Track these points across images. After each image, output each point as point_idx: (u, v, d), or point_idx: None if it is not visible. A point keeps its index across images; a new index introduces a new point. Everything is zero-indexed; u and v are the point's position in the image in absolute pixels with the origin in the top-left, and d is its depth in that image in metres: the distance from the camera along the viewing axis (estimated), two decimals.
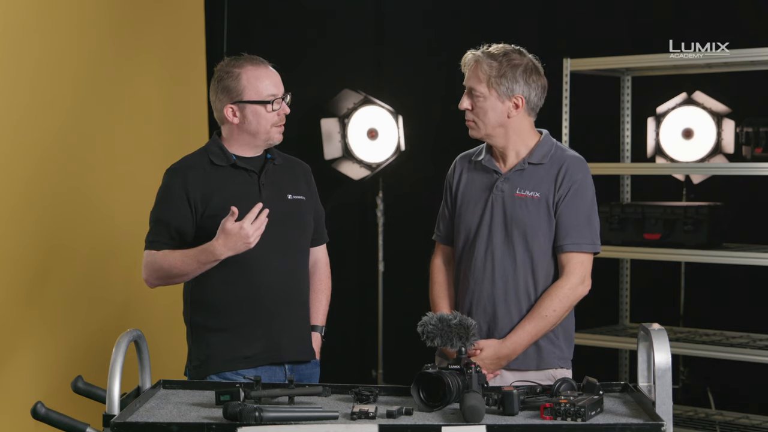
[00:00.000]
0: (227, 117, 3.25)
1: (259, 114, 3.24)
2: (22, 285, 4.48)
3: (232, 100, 3.24)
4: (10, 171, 4.40)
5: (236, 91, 3.23)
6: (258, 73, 3.25)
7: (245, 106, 3.23)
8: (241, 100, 3.23)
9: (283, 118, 3.27)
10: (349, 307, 5.90)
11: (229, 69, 3.26)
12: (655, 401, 2.54)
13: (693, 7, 5.61)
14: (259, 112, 3.24)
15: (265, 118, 3.24)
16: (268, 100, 3.23)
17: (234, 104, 3.24)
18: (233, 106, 3.24)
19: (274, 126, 3.25)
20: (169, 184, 3.25)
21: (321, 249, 3.48)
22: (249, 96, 3.23)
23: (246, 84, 3.23)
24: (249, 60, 3.27)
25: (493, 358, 3.19)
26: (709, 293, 5.62)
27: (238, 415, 2.49)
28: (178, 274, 3.17)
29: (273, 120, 3.25)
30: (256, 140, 3.27)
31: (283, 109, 3.26)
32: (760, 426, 5.10)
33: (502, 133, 3.26)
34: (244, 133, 3.26)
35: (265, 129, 3.25)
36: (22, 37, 4.46)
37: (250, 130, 3.25)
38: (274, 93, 3.25)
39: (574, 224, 3.21)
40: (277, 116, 3.25)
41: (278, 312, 3.24)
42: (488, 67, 3.21)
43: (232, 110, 3.25)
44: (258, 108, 3.23)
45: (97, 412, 2.62)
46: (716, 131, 5.43)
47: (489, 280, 3.25)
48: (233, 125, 3.26)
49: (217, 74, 3.29)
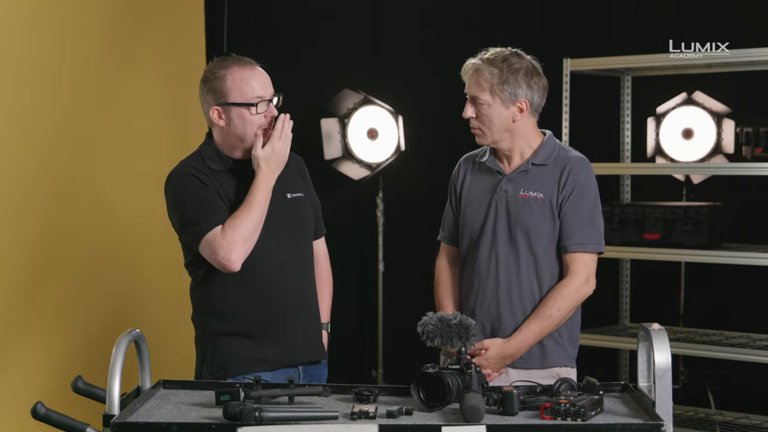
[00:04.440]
0: (213, 119, 3.16)
1: (244, 117, 3.13)
2: (23, 285, 4.48)
3: (217, 102, 3.14)
4: (12, 173, 4.40)
5: (221, 92, 3.13)
6: (244, 74, 3.13)
7: (230, 108, 3.13)
8: (226, 102, 3.13)
9: (270, 121, 3.14)
10: (349, 307, 5.89)
11: (216, 70, 3.16)
12: (655, 401, 2.54)
13: (693, 7, 5.61)
14: (244, 116, 3.12)
15: (250, 121, 3.12)
16: (253, 102, 3.11)
17: (219, 106, 3.14)
18: (219, 108, 3.14)
19: (260, 129, 3.14)
20: (182, 178, 3.15)
21: (320, 242, 3.41)
22: (233, 98, 3.11)
23: (231, 86, 3.12)
24: (236, 61, 3.17)
25: (498, 358, 3.20)
26: (709, 293, 5.61)
27: (238, 415, 2.49)
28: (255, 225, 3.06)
29: (259, 122, 3.13)
30: (244, 144, 3.16)
31: (270, 111, 3.15)
32: (760, 426, 5.10)
33: (508, 137, 3.26)
34: (232, 137, 3.16)
35: (251, 133, 3.13)
36: (22, 38, 4.46)
37: (237, 134, 3.15)
38: (260, 95, 3.13)
39: (577, 224, 3.22)
40: (264, 118, 3.13)
41: (292, 313, 3.19)
42: (489, 74, 3.20)
43: (217, 112, 3.15)
44: (243, 111, 3.12)
45: (97, 412, 2.62)
46: (716, 131, 5.43)
47: (493, 280, 3.25)
48: (221, 128, 3.17)
49: (204, 75, 3.19)
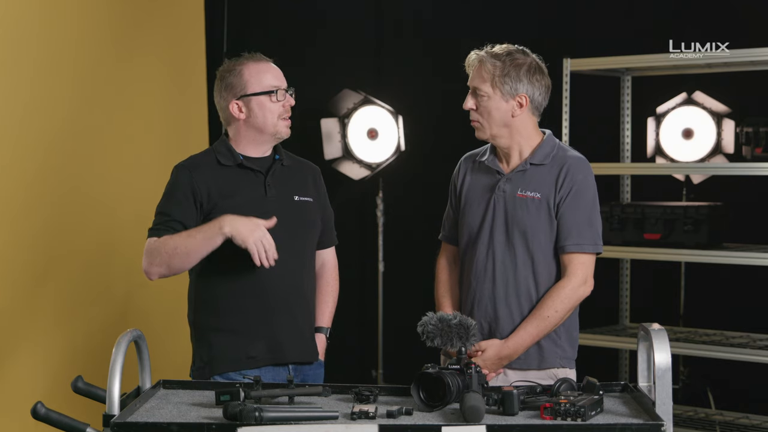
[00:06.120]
0: (233, 114, 3.26)
1: (264, 106, 3.24)
2: (23, 285, 4.48)
3: (236, 96, 3.25)
4: (12, 174, 4.40)
5: (240, 86, 3.24)
6: (259, 67, 3.27)
7: (250, 99, 3.24)
8: (245, 94, 3.24)
9: (288, 110, 3.28)
10: (349, 307, 5.88)
11: (231, 67, 3.28)
12: (655, 401, 2.54)
13: (693, 7, 5.60)
14: (264, 104, 3.24)
15: (271, 109, 3.24)
16: (272, 90, 3.24)
17: (239, 100, 3.25)
18: (238, 101, 3.25)
19: (280, 118, 3.25)
20: (177, 180, 3.25)
21: (329, 251, 3.47)
22: (253, 89, 3.24)
23: (248, 78, 3.24)
24: (250, 57, 3.29)
25: (495, 359, 3.19)
26: (709, 293, 5.61)
27: (238, 415, 2.49)
28: (180, 252, 3.10)
29: (278, 111, 3.25)
30: (263, 135, 3.27)
31: (288, 100, 3.27)
32: (760, 426, 5.10)
33: (506, 134, 3.25)
34: (251, 129, 3.26)
35: (272, 122, 3.24)
36: (22, 38, 4.46)
37: (257, 125, 3.25)
38: (277, 85, 3.26)
39: (575, 225, 3.21)
40: (282, 107, 3.26)
41: (281, 312, 3.22)
42: (492, 66, 3.21)
43: (237, 106, 3.25)
44: (263, 99, 3.24)
45: (97, 412, 2.62)
46: (716, 131, 5.42)
47: (490, 280, 3.25)
48: (240, 122, 3.26)
49: (219, 74, 3.30)
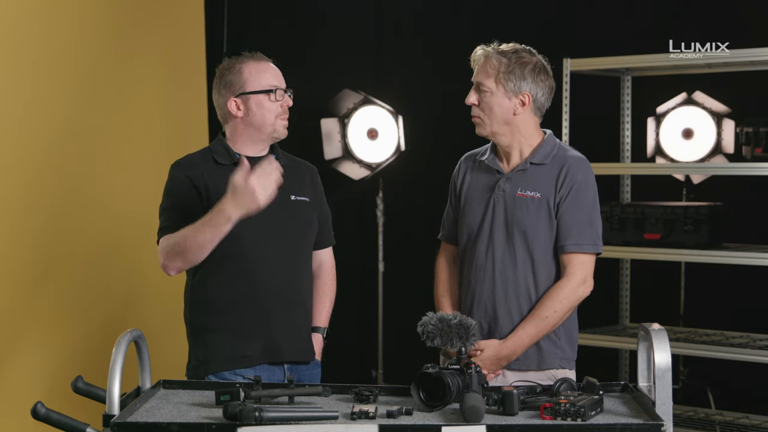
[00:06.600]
0: (231, 111, 3.25)
1: (262, 104, 3.24)
2: (23, 285, 4.48)
3: (235, 94, 3.25)
4: (12, 174, 4.40)
5: (238, 84, 3.24)
6: (259, 66, 3.27)
7: (249, 97, 3.24)
8: (244, 92, 3.24)
9: (286, 111, 3.27)
10: (349, 307, 5.89)
11: (231, 65, 3.28)
12: (655, 401, 2.54)
13: (693, 7, 5.60)
14: (262, 103, 3.24)
15: (269, 108, 3.24)
16: (271, 89, 3.24)
17: (237, 97, 3.24)
18: (237, 99, 3.25)
19: (278, 118, 3.25)
20: (175, 176, 3.25)
21: (326, 252, 3.47)
22: (252, 87, 3.24)
23: (248, 76, 3.24)
24: (250, 56, 3.29)
25: (494, 359, 3.19)
26: (709, 293, 5.61)
27: (238, 415, 2.49)
28: (194, 245, 3.06)
29: (277, 111, 3.25)
30: (260, 134, 3.26)
31: (286, 101, 3.27)
32: (760, 426, 5.10)
33: (507, 132, 3.25)
34: (249, 128, 3.26)
35: (270, 121, 3.24)
36: (22, 38, 4.46)
37: (255, 123, 3.25)
38: (276, 85, 3.26)
39: (575, 225, 3.21)
40: (281, 107, 3.26)
41: (276, 312, 3.22)
42: (497, 62, 3.21)
43: (235, 104, 3.25)
44: (261, 98, 3.24)
45: (97, 412, 2.62)
46: (716, 131, 5.42)
47: (489, 280, 3.25)
48: (237, 120, 3.26)
49: (219, 72, 3.30)
